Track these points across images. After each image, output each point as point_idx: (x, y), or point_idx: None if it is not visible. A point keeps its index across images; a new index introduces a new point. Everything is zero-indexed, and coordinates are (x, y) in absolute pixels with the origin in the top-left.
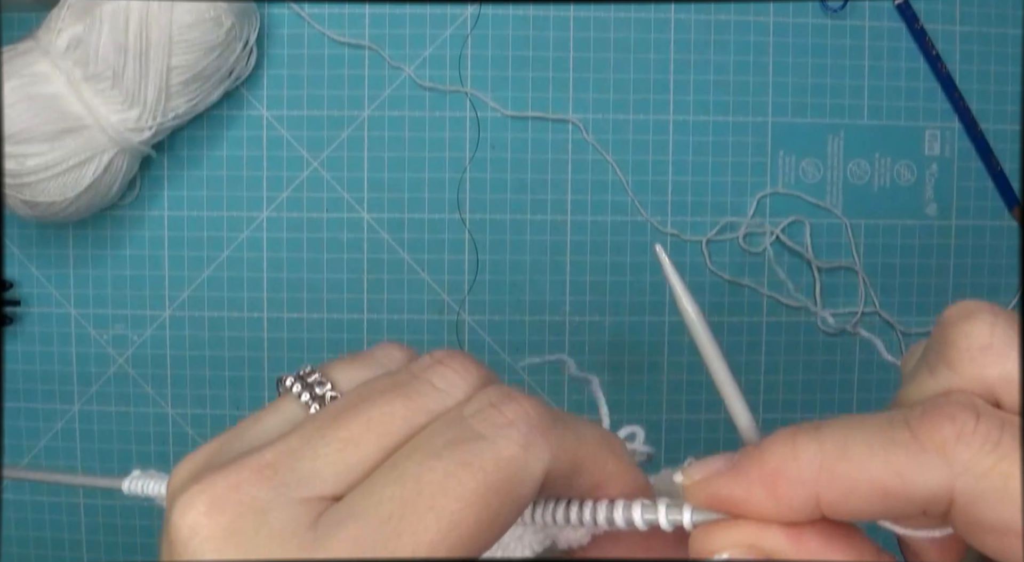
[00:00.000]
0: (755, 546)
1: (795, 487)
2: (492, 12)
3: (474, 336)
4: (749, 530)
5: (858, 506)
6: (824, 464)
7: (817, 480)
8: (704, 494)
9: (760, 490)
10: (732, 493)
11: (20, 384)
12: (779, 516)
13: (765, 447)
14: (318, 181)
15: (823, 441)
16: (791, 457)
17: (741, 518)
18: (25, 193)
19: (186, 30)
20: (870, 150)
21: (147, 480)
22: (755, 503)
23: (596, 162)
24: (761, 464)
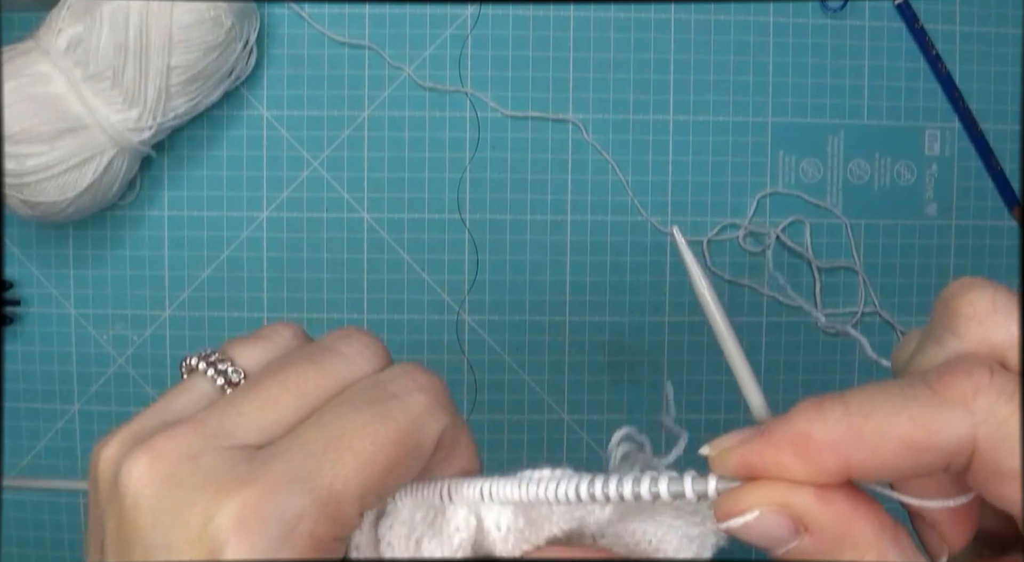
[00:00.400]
0: (785, 505)
1: (824, 448)
2: (492, 12)
3: (474, 336)
4: (780, 490)
5: (886, 462)
6: (851, 424)
7: (845, 440)
8: (734, 459)
9: (790, 452)
10: (762, 457)
11: (20, 384)
12: (808, 477)
13: (792, 413)
14: (318, 181)
15: (848, 404)
16: (818, 420)
17: (771, 479)
18: (25, 193)
19: (186, 30)
20: (870, 150)
21: None
22: (785, 465)
23: (596, 162)
24: (789, 428)
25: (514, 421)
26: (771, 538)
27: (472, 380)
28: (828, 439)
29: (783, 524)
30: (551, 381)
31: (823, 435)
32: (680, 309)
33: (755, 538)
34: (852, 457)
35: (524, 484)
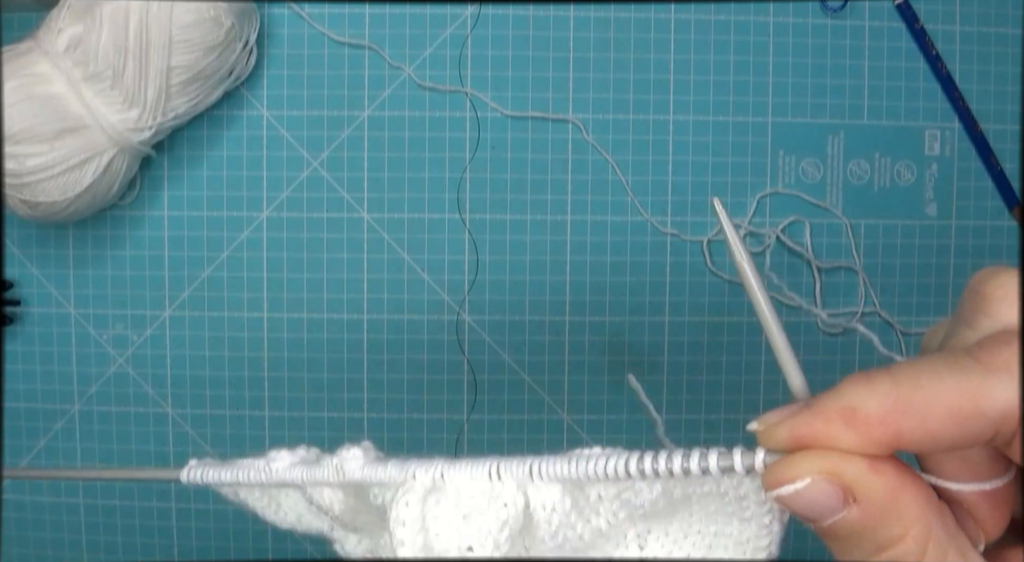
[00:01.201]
0: (836, 473)
1: (874, 419)
2: (492, 12)
3: (474, 336)
4: (832, 458)
5: (936, 431)
6: (900, 395)
7: (895, 411)
8: (783, 432)
9: (840, 424)
10: (812, 428)
11: (20, 384)
12: (858, 448)
13: (841, 387)
14: (318, 181)
15: (896, 376)
16: (868, 392)
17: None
18: (25, 193)
19: (186, 30)
20: (870, 150)
21: (205, 468)
22: (835, 436)
23: (596, 162)
24: (839, 400)
25: (514, 421)
26: (820, 507)
27: (472, 380)
28: (878, 410)
29: (833, 493)
30: (551, 381)
31: (873, 406)
32: (680, 309)
33: (803, 507)
34: (902, 428)
35: (574, 460)
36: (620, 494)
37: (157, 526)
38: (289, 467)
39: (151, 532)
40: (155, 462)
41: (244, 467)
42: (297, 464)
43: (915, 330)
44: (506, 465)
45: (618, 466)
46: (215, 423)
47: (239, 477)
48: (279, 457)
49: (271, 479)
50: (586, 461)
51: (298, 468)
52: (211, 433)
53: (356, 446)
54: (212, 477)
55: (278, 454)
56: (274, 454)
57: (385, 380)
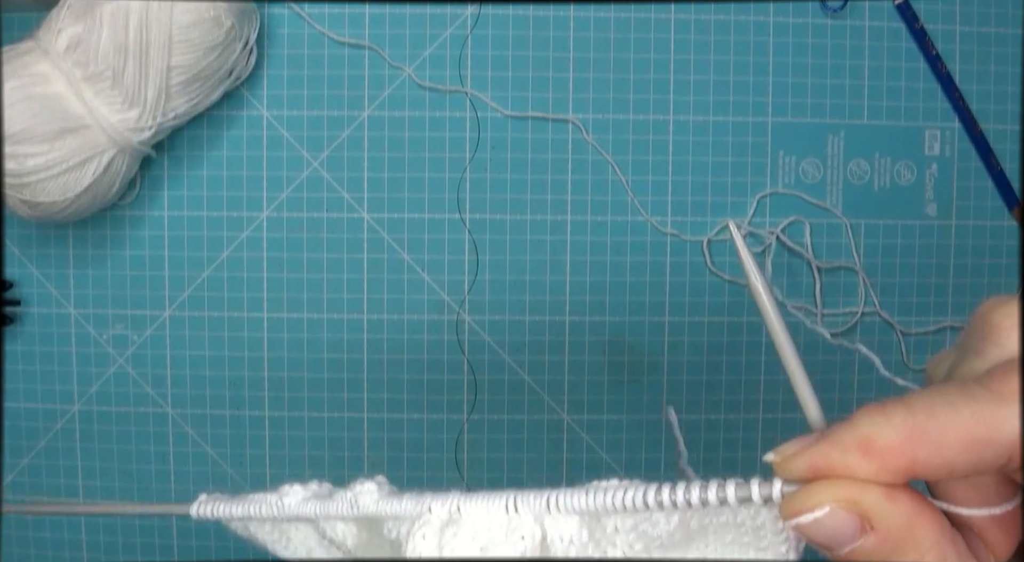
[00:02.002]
0: (854, 501)
1: (890, 449)
2: (492, 12)
3: (474, 336)
4: (850, 487)
5: (951, 459)
6: (916, 424)
7: (910, 440)
8: (801, 462)
9: (857, 454)
10: (828, 459)
11: (20, 384)
12: (874, 477)
13: (856, 417)
14: (318, 181)
15: (910, 405)
16: (883, 422)
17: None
18: (25, 193)
19: (186, 30)
20: (870, 150)
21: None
22: (852, 466)
23: (596, 162)
24: (855, 431)
25: (514, 421)
26: (838, 535)
27: (472, 380)
28: (894, 440)
29: (850, 521)
30: (551, 381)
31: (889, 436)
32: (680, 309)
33: (822, 536)
34: (917, 456)
35: (591, 493)
36: (637, 525)
37: (157, 526)
38: (302, 501)
39: (151, 532)
40: (155, 462)
41: (255, 501)
42: (310, 498)
43: (915, 330)
44: (523, 498)
45: (636, 498)
46: (215, 423)
47: (250, 511)
48: (292, 492)
49: (283, 513)
50: (604, 493)
51: (311, 502)
52: (211, 433)
53: (370, 480)
54: (223, 512)
55: (291, 489)
56: (286, 488)
57: (385, 380)
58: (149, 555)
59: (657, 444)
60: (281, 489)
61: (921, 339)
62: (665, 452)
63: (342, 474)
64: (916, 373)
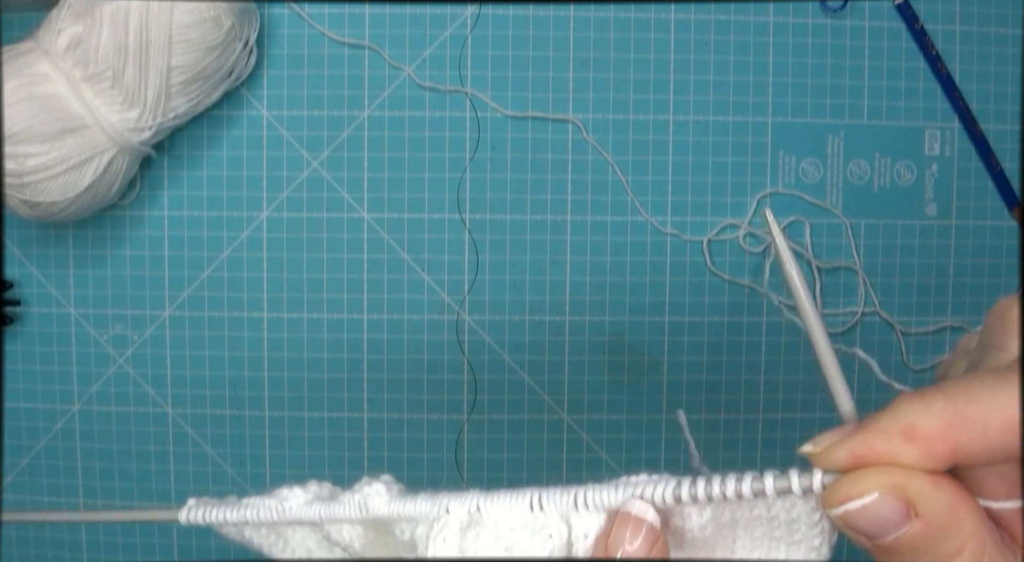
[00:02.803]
0: (901, 488)
1: (933, 434)
2: (492, 12)
3: (474, 336)
4: (897, 473)
5: (992, 442)
6: (956, 410)
7: (952, 426)
8: (842, 451)
9: (900, 441)
10: (872, 447)
11: (20, 384)
12: (919, 463)
13: (895, 406)
14: (318, 181)
15: (949, 392)
16: (924, 410)
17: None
18: (25, 193)
19: (186, 30)
20: (870, 150)
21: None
22: (896, 454)
23: (596, 162)
24: (896, 418)
25: (514, 421)
26: (884, 522)
27: (472, 380)
28: (937, 426)
29: (898, 508)
30: (551, 381)
31: (931, 422)
32: (680, 309)
33: (868, 523)
34: (960, 441)
35: (621, 488)
36: (668, 520)
37: (157, 526)
38: (305, 505)
39: (151, 532)
40: (155, 462)
41: (253, 506)
42: (312, 501)
43: (915, 330)
44: (548, 495)
45: (667, 493)
46: (215, 423)
47: (247, 516)
48: (292, 495)
49: (285, 518)
50: (634, 488)
51: (316, 506)
52: (211, 433)
53: (377, 481)
54: (215, 517)
55: (290, 492)
56: (285, 492)
57: (385, 380)
58: (149, 555)
59: (657, 444)
60: (279, 492)
61: (921, 339)
62: (665, 452)
63: (342, 474)
64: (916, 373)
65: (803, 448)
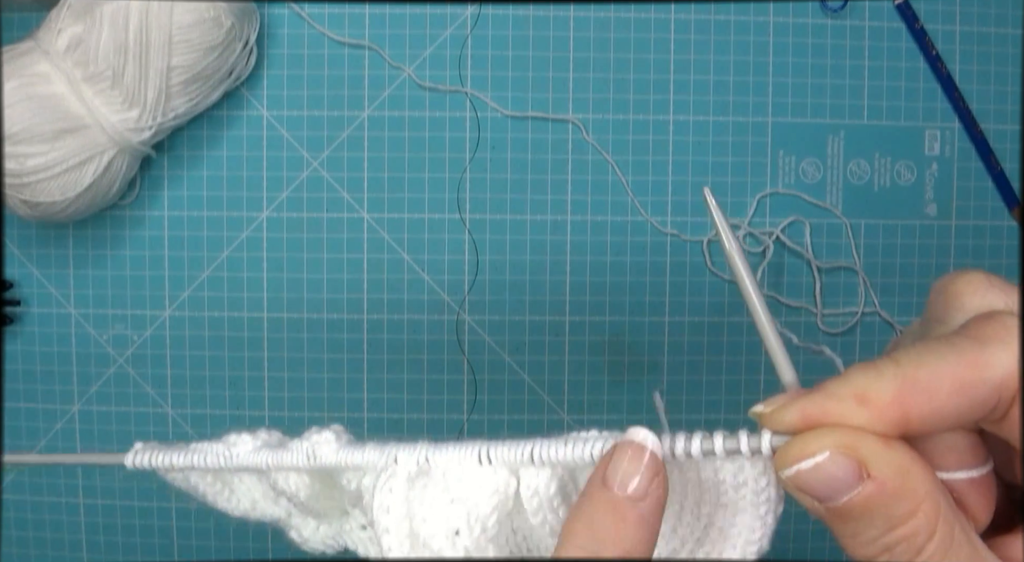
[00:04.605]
0: (853, 447)
1: (884, 399)
2: (492, 12)
3: (474, 336)
4: (849, 434)
5: (942, 405)
6: (906, 375)
7: (903, 390)
8: (793, 412)
9: (852, 404)
10: (823, 408)
11: (20, 384)
12: (871, 427)
13: (848, 373)
14: (318, 181)
15: (899, 360)
16: (875, 376)
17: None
18: (25, 193)
19: (186, 30)
20: (870, 150)
21: (154, 452)
22: (848, 415)
23: (596, 162)
24: (848, 383)
25: (514, 421)
26: (836, 483)
27: (472, 380)
28: (888, 391)
29: (849, 468)
30: (551, 381)
31: (882, 388)
32: (680, 309)
33: (820, 484)
34: (910, 406)
35: (570, 443)
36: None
37: (157, 526)
38: (253, 451)
39: (151, 532)
40: None
41: (200, 451)
42: (260, 448)
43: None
44: (497, 449)
45: None
46: (215, 423)
47: (194, 461)
48: (240, 441)
49: (232, 464)
50: (584, 444)
51: (264, 452)
52: (211, 433)
53: (327, 429)
54: (161, 461)
55: (239, 438)
56: (234, 438)
57: (385, 380)
58: (149, 555)
59: None
60: (228, 438)
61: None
62: None
63: None
64: None
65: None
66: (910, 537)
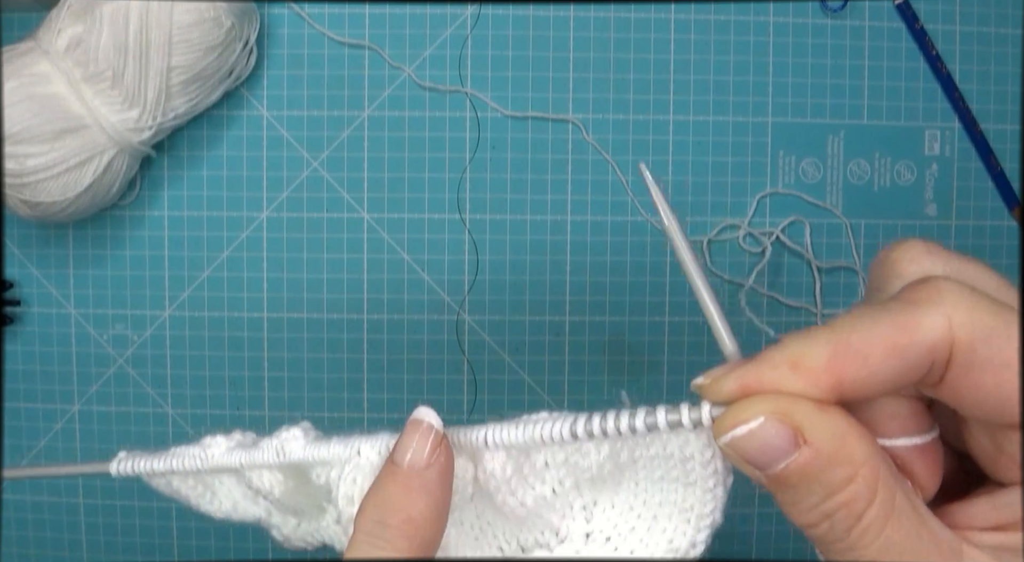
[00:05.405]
0: (786, 413)
1: (818, 364)
2: (492, 12)
3: (474, 336)
4: (782, 399)
5: (876, 368)
6: (839, 340)
7: (836, 354)
8: (730, 382)
9: (787, 371)
10: (759, 376)
11: (20, 384)
12: (805, 393)
13: (783, 341)
14: (318, 181)
15: (833, 326)
16: (809, 342)
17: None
18: (25, 193)
19: (186, 30)
20: (870, 150)
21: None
22: (782, 383)
23: (596, 162)
24: (783, 351)
25: None
26: (772, 449)
27: (472, 380)
28: (821, 357)
29: (784, 433)
30: (551, 381)
31: (816, 353)
32: (680, 309)
33: (756, 450)
34: (844, 371)
35: (522, 425)
36: (568, 458)
37: (157, 526)
38: (227, 452)
39: (151, 532)
40: None
41: (178, 455)
42: (234, 448)
43: None
44: (454, 434)
45: (564, 429)
46: (215, 423)
47: (172, 465)
48: (215, 443)
49: (208, 465)
50: (535, 426)
51: (236, 452)
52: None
53: (295, 426)
54: (144, 467)
55: (213, 440)
56: (209, 440)
57: (385, 380)
58: (149, 555)
59: None
60: (204, 441)
61: None
62: None
63: None
64: None
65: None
66: (849, 503)
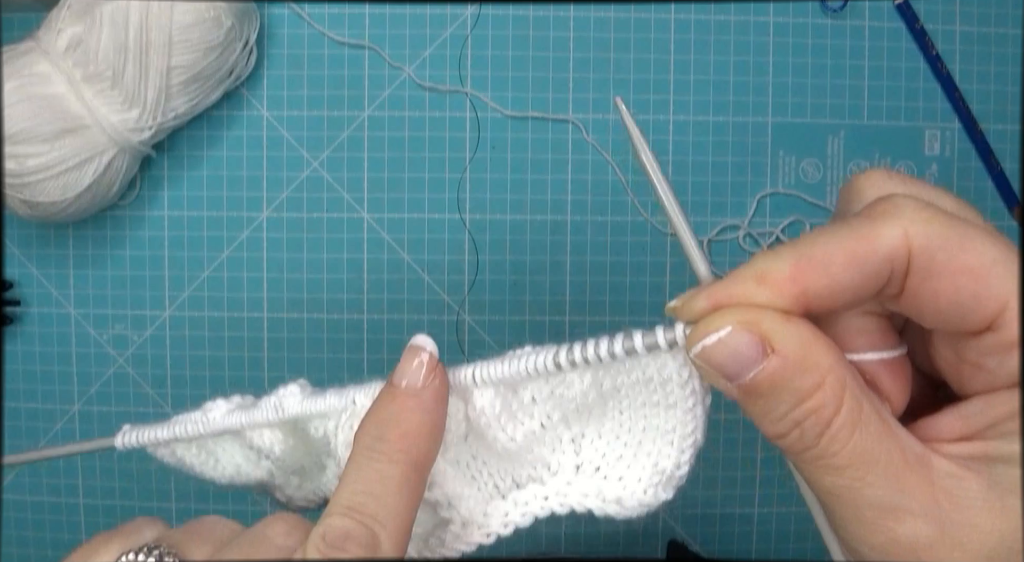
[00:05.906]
0: (754, 322)
1: (782, 276)
2: (492, 12)
3: (474, 336)
4: (749, 310)
5: (838, 276)
6: (802, 253)
7: (799, 266)
8: (701, 300)
9: (753, 284)
10: (727, 291)
11: (20, 384)
12: (770, 304)
13: (751, 259)
14: (318, 181)
15: (795, 241)
16: (774, 257)
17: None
18: (25, 193)
19: (186, 30)
20: (870, 150)
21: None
22: (749, 295)
23: (596, 162)
24: (749, 267)
25: None
26: (740, 358)
27: None
28: (785, 269)
29: (752, 342)
30: None
31: (780, 265)
32: None
33: (726, 360)
34: (807, 280)
35: (507, 361)
36: (553, 391)
37: None
38: (226, 413)
39: None
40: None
41: (179, 422)
42: (234, 410)
43: None
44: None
45: (547, 360)
46: None
47: (175, 432)
48: (215, 406)
49: (209, 428)
50: (519, 360)
51: (236, 413)
52: None
53: (292, 383)
54: (148, 437)
55: (214, 404)
56: (209, 405)
57: None
58: None
59: None
60: (204, 406)
61: None
62: None
63: None
64: None
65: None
66: (817, 410)
